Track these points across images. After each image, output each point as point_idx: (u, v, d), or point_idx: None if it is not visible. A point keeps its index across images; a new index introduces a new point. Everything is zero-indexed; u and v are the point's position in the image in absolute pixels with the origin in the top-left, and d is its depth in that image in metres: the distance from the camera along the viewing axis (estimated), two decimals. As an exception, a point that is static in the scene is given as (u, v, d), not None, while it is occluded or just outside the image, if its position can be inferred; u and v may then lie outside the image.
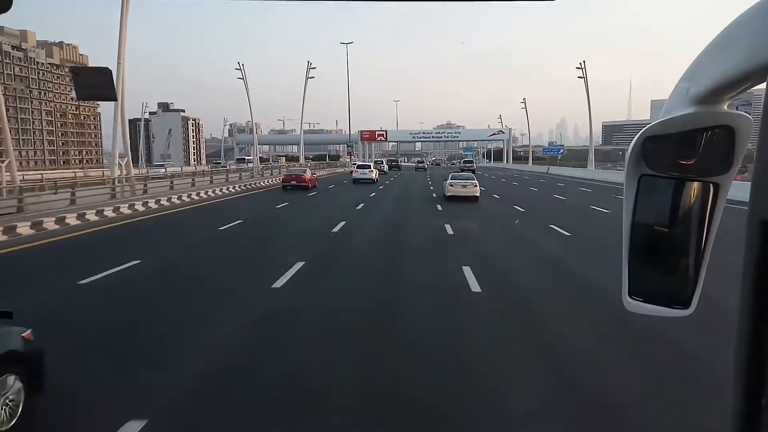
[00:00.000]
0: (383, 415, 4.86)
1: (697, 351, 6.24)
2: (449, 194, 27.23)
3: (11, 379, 4.26)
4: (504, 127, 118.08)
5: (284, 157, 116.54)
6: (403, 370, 5.79)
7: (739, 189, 1.22)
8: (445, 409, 4.94)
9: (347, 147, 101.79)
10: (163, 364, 5.91)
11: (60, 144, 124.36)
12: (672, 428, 4.72)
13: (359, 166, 47.76)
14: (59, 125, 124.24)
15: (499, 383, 5.49)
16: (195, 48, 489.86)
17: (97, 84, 27.46)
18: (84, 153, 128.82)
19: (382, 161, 75.03)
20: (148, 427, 4.41)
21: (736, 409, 0.65)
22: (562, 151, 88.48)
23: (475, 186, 27.31)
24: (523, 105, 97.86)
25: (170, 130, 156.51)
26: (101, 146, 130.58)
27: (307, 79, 71.63)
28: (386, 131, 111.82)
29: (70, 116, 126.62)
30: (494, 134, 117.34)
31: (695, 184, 0.80)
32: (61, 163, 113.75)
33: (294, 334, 7.03)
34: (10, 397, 4.24)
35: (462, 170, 47.84)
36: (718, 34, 0.73)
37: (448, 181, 28.27)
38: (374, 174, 45.21)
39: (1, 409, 4.16)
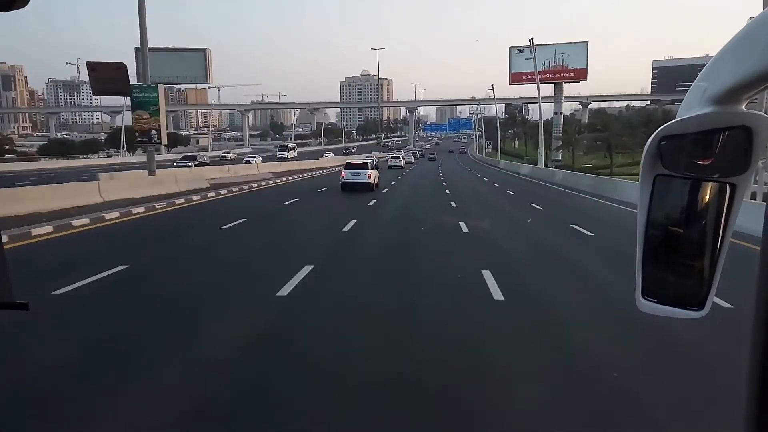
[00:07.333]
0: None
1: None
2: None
3: None
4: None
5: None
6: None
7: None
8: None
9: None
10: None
11: None
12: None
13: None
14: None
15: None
16: None
17: (113, 79, 27.60)
18: None
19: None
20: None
21: (748, 411, 0.65)
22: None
23: (402, 158, 62.94)
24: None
25: None
26: None
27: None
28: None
29: None
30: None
31: (711, 185, 0.79)
32: None
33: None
34: None
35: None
36: (736, 33, 0.73)
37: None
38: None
39: None
